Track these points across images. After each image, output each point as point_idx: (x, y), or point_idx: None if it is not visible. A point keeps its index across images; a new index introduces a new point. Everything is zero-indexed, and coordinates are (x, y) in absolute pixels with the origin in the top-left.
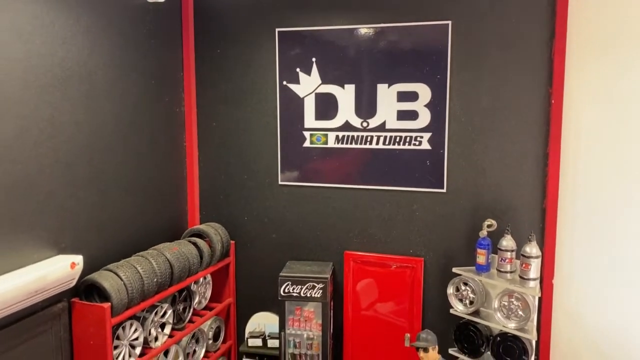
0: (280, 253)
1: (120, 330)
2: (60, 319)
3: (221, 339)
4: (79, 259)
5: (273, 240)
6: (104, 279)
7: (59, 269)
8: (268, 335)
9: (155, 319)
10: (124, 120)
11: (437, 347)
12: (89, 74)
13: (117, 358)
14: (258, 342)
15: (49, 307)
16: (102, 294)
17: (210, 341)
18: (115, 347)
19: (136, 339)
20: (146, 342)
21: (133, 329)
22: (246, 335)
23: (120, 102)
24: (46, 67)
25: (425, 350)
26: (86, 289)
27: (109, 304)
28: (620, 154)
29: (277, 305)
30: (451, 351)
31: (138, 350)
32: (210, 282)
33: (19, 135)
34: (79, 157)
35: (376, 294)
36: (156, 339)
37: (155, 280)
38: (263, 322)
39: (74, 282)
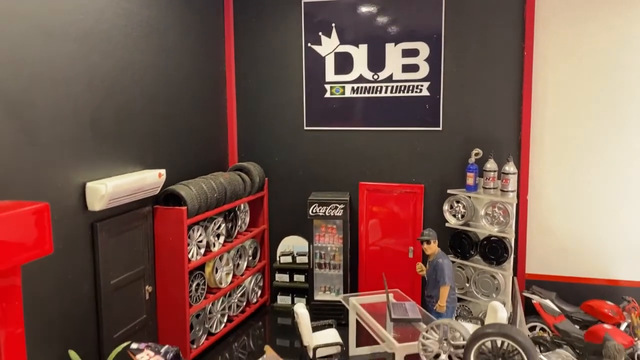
0: (305, 187)
1: (190, 232)
2: (147, 220)
3: (258, 257)
4: (163, 171)
5: (299, 177)
6: (180, 189)
7: (151, 176)
8: (297, 254)
9: (213, 228)
10: (186, 71)
11: (437, 241)
12: (165, 32)
13: (188, 253)
14: (288, 259)
15: (141, 208)
16: (176, 204)
17: (250, 258)
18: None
19: (201, 241)
20: (207, 247)
21: (199, 232)
22: (278, 255)
23: (185, 56)
24: (139, 23)
25: (428, 242)
26: (165, 198)
27: (186, 207)
28: (581, 95)
29: (304, 229)
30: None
31: (202, 251)
32: (248, 211)
33: (120, 73)
34: (157, 97)
35: (385, 215)
36: (214, 245)
37: (215, 195)
38: (292, 244)
39: (158, 190)
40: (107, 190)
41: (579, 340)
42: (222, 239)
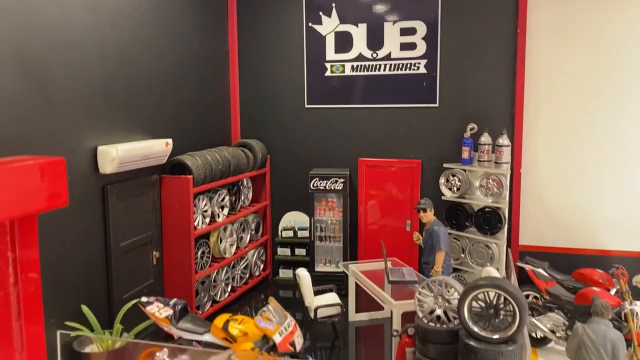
0: (306, 164)
1: (196, 201)
2: (154, 187)
3: (260, 232)
4: (170, 140)
5: (300, 154)
6: (186, 159)
7: (159, 144)
8: (298, 228)
9: (218, 200)
10: (190, 49)
11: (433, 210)
12: (170, 9)
13: (194, 221)
14: (290, 233)
15: (149, 176)
16: (182, 174)
17: (253, 232)
18: None
19: (206, 211)
20: (212, 217)
21: (204, 202)
22: (280, 229)
23: (189, 35)
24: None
25: (424, 211)
26: (172, 168)
27: (192, 176)
28: (573, 70)
29: (305, 205)
30: None
31: (207, 220)
32: (251, 187)
33: (129, 45)
34: (163, 72)
35: (383, 190)
36: (218, 216)
37: (219, 167)
38: (293, 219)
39: (165, 159)
40: (117, 153)
41: (570, 303)
42: (226, 210)
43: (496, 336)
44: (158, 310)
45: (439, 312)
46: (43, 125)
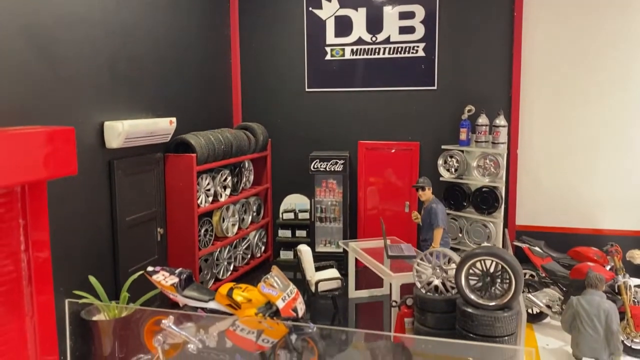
0: (307, 147)
1: (199, 180)
2: (159, 165)
3: (261, 214)
4: (174, 119)
5: (301, 138)
6: (190, 137)
7: (163, 122)
8: (298, 210)
9: (220, 179)
10: (193, 32)
11: (431, 188)
12: None
13: (197, 199)
14: (290, 215)
15: (153, 153)
16: (186, 152)
17: (254, 213)
18: None
19: (209, 189)
20: (215, 196)
21: (207, 181)
22: (281, 212)
23: (191, 18)
24: None
25: (423, 189)
26: (175, 147)
27: (195, 154)
28: (569, 52)
29: (305, 188)
30: None
31: (210, 199)
32: (252, 170)
33: (133, 25)
34: (166, 53)
35: (383, 172)
36: (220, 195)
37: (222, 147)
38: (294, 201)
39: (169, 138)
40: (124, 128)
41: (565, 278)
42: (228, 191)
43: (493, 303)
44: (164, 279)
45: (437, 282)
46: (52, 99)
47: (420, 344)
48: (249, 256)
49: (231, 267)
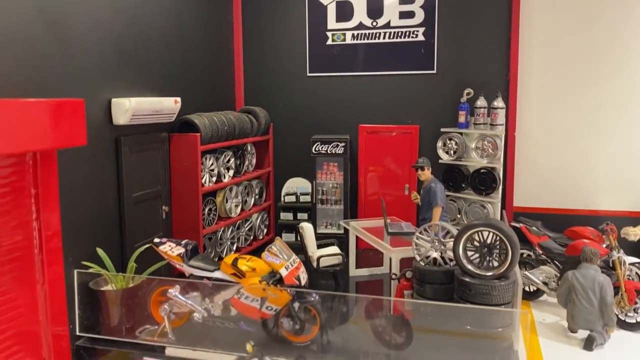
0: (308, 131)
1: (203, 159)
2: (164, 144)
3: (264, 197)
4: (179, 99)
5: (302, 122)
6: (194, 118)
7: (168, 101)
8: (300, 194)
9: (224, 160)
10: (196, 16)
11: (430, 169)
12: None
13: (201, 179)
14: (292, 198)
15: (159, 132)
16: (190, 132)
17: (257, 196)
18: None
19: (212, 170)
20: (218, 177)
21: (211, 161)
22: (282, 195)
23: (196, 2)
24: None
25: (422, 169)
26: (180, 127)
27: (199, 134)
28: (567, 36)
29: (307, 171)
30: None
31: (214, 179)
32: (255, 154)
33: (139, 5)
34: (171, 36)
35: (383, 155)
36: (224, 176)
37: (225, 128)
38: (295, 185)
39: (173, 117)
40: (130, 104)
41: (561, 255)
42: (231, 172)
43: (490, 273)
44: (171, 249)
45: (435, 255)
46: (61, 74)
47: (419, 308)
48: (252, 238)
49: (234, 247)
